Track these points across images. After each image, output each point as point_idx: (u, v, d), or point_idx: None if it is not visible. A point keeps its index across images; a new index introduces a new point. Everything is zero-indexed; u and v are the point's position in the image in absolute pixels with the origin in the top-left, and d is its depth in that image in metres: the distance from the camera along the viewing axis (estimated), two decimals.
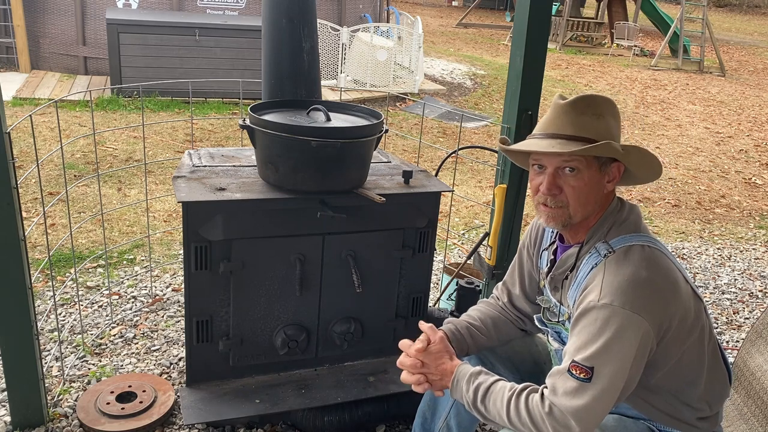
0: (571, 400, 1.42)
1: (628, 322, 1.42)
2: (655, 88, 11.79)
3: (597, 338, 1.43)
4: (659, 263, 1.51)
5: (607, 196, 1.60)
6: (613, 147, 1.48)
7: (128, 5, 8.77)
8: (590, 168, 1.53)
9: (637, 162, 1.56)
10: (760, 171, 7.07)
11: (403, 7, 19.49)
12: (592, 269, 1.53)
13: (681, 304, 1.51)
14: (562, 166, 1.53)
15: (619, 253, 1.51)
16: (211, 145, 6.24)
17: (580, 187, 1.54)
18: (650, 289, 1.46)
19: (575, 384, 1.43)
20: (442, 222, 4.21)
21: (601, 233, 1.58)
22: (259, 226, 2.22)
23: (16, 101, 7.13)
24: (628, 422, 1.62)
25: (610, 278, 1.46)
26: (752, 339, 2.19)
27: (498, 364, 1.87)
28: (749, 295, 3.96)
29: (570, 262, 1.63)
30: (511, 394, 1.51)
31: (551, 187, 1.55)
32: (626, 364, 1.43)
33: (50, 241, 3.80)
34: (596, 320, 1.44)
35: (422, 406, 1.92)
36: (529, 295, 1.88)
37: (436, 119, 8.14)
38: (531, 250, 1.85)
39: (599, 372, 1.42)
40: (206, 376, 2.37)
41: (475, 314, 1.91)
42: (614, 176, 1.58)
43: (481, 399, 1.55)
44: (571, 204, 1.55)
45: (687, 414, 1.61)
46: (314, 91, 2.59)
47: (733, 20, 29.02)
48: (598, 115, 1.53)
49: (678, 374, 1.57)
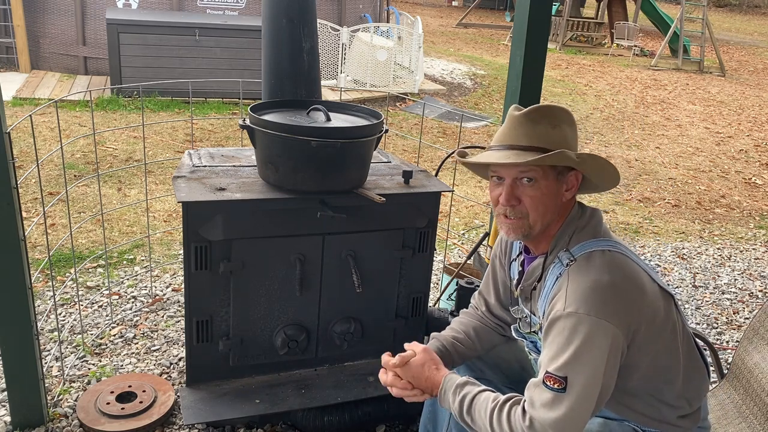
0: (548, 413, 1.43)
1: (595, 329, 1.42)
2: (655, 88, 11.79)
3: (566, 348, 1.44)
4: (621, 266, 1.51)
5: (566, 204, 1.61)
6: (567, 155, 1.49)
7: (128, 5, 8.77)
8: (547, 178, 1.54)
9: (594, 170, 1.57)
10: (760, 171, 7.07)
11: (403, 7, 19.50)
12: (557, 279, 1.54)
13: (648, 305, 1.51)
14: (519, 177, 1.55)
15: (581, 261, 1.52)
16: (211, 145, 6.24)
17: (538, 197, 1.55)
18: (614, 293, 1.46)
19: (551, 395, 1.44)
20: (442, 222, 4.21)
21: (563, 242, 1.59)
22: (259, 226, 2.22)
23: (16, 101, 7.13)
24: (612, 425, 1.63)
25: (573, 286, 1.47)
26: (749, 337, 2.20)
27: (486, 369, 1.89)
28: (749, 295, 3.96)
29: (537, 273, 1.64)
30: (494, 405, 1.51)
31: (510, 198, 1.56)
32: (599, 370, 1.43)
33: (50, 241, 3.80)
34: (564, 330, 1.45)
35: (423, 418, 1.94)
36: (504, 304, 1.88)
37: (436, 119, 8.14)
38: (503, 260, 1.86)
39: (573, 381, 1.43)
40: (206, 376, 2.37)
41: (458, 326, 1.92)
42: (572, 185, 1.59)
43: (467, 410, 1.56)
44: (530, 214, 1.56)
45: (667, 413, 1.61)
46: (314, 91, 2.59)
47: (733, 20, 29.02)
48: (554, 125, 1.54)
49: (654, 374, 1.57)
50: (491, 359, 1.91)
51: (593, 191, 1.69)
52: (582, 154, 1.53)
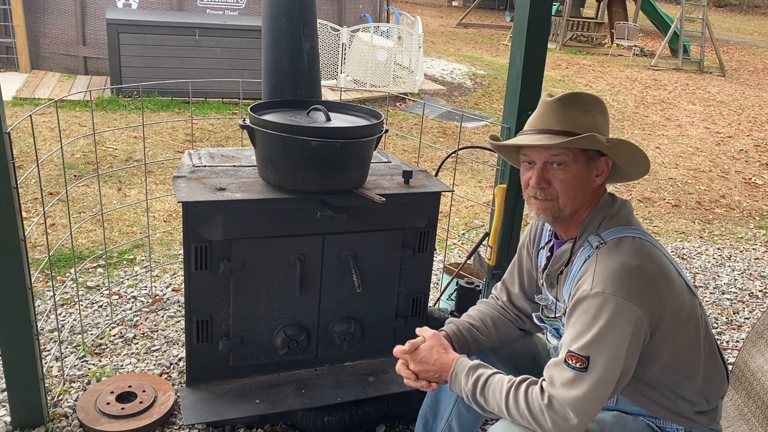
0: (569, 391, 1.44)
1: (620, 310, 1.43)
2: (655, 88, 11.79)
3: (591, 327, 1.45)
4: (651, 253, 1.53)
5: (596, 190, 1.62)
6: (596, 139, 1.52)
7: (128, 5, 8.77)
8: (577, 162, 1.56)
9: (624, 156, 1.59)
10: (760, 171, 7.07)
11: (403, 7, 19.49)
12: (585, 261, 1.56)
13: (674, 295, 1.53)
14: (550, 161, 1.57)
15: (611, 244, 1.53)
16: (211, 145, 6.24)
17: (569, 180, 1.57)
18: (642, 277, 1.48)
19: (572, 374, 1.44)
20: (442, 222, 4.21)
21: (592, 227, 1.60)
22: (259, 226, 2.22)
23: (16, 101, 7.13)
24: (627, 419, 1.63)
25: (601, 267, 1.49)
26: (753, 339, 2.19)
27: (498, 362, 1.87)
28: (749, 295, 3.96)
29: (565, 257, 1.65)
30: (510, 385, 1.52)
31: (540, 180, 1.59)
32: (621, 351, 1.44)
33: (50, 241, 3.80)
34: (589, 309, 1.46)
35: (424, 408, 1.93)
36: (527, 294, 1.89)
37: (436, 119, 8.14)
38: (530, 249, 1.87)
39: (595, 361, 1.43)
40: (206, 376, 2.37)
41: (476, 314, 1.93)
42: (603, 170, 1.61)
43: (480, 391, 1.56)
44: (560, 197, 1.58)
45: (685, 408, 1.62)
46: (314, 91, 2.59)
47: (733, 20, 29.02)
48: (585, 111, 1.57)
49: (675, 368, 1.58)
50: (504, 351, 1.91)
51: (624, 180, 1.70)
52: (612, 138, 1.55)
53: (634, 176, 1.67)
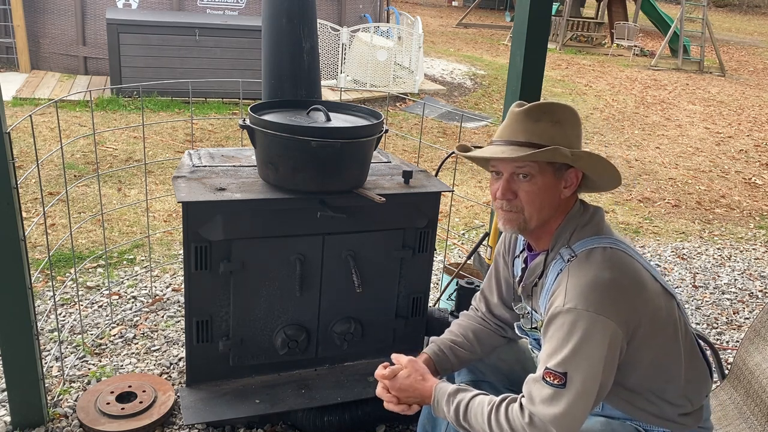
0: (549, 408, 1.43)
1: (594, 325, 1.43)
2: (655, 88, 11.79)
3: (566, 343, 1.44)
4: (622, 263, 1.52)
5: (566, 201, 1.61)
6: (560, 152, 1.50)
7: (128, 5, 8.77)
8: (544, 174, 1.55)
9: (590, 167, 1.57)
10: (760, 171, 7.07)
11: (403, 7, 19.50)
12: (558, 275, 1.55)
13: (649, 302, 1.52)
14: (516, 172, 1.56)
15: (581, 257, 1.52)
16: (211, 145, 6.24)
17: (534, 191, 1.56)
18: (613, 290, 1.47)
19: (550, 391, 1.44)
20: (442, 222, 4.21)
21: (563, 239, 1.59)
22: (259, 226, 2.22)
23: (16, 101, 7.13)
24: (614, 424, 1.63)
25: (573, 282, 1.48)
26: (750, 338, 2.20)
27: (487, 371, 1.89)
28: (749, 295, 3.96)
29: (538, 270, 1.65)
30: (491, 408, 1.51)
31: (506, 192, 1.58)
32: (597, 366, 1.44)
33: (50, 241, 3.80)
34: (563, 325, 1.45)
35: (422, 419, 1.94)
36: (506, 302, 1.88)
37: (436, 119, 8.14)
38: (506, 257, 1.86)
39: (572, 377, 1.43)
40: (206, 376, 2.37)
41: (456, 329, 1.91)
42: (572, 182, 1.59)
43: (463, 417, 1.56)
44: (526, 208, 1.57)
45: (669, 411, 1.62)
46: (314, 91, 2.59)
47: (733, 20, 29.02)
48: (554, 122, 1.55)
49: (655, 373, 1.58)
50: (492, 361, 1.91)
51: (596, 190, 1.69)
52: (577, 151, 1.53)
53: (605, 187, 1.65)
